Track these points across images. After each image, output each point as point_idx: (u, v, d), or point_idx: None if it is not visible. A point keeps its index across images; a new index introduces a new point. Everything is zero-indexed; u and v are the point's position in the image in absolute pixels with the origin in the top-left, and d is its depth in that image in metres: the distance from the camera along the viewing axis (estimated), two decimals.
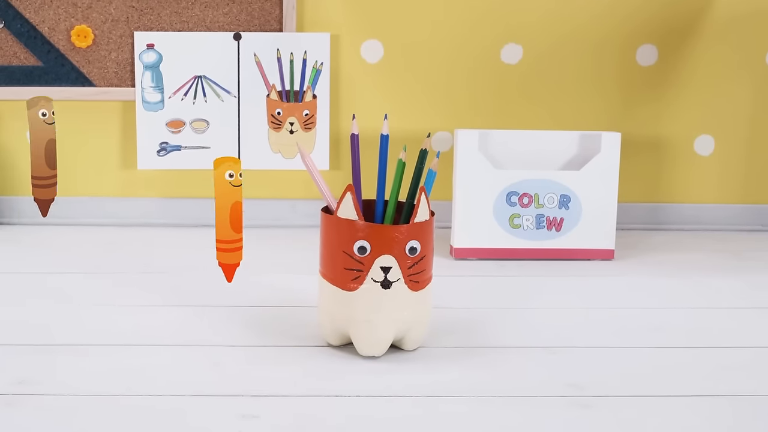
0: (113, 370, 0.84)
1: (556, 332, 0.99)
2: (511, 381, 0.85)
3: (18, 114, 1.48)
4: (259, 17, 1.47)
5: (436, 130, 1.53)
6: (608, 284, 1.21)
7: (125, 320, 1.00)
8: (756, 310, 1.10)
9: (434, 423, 0.75)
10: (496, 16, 1.50)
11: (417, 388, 0.82)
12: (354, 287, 0.87)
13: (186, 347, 0.91)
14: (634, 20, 1.51)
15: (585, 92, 1.53)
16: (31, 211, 1.51)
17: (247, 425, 0.73)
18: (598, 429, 0.74)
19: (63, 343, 0.90)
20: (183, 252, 1.32)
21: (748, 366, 0.90)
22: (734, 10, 1.52)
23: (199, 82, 1.47)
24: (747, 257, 1.37)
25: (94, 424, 0.73)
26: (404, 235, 0.86)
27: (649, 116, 1.55)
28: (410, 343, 0.91)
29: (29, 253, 1.31)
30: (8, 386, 0.80)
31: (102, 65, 1.47)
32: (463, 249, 1.32)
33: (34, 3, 1.44)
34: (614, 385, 0.84)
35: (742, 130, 1.56)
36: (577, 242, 1.33)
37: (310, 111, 1.49)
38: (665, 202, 1.58)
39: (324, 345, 0.93)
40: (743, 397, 0.82)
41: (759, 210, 1.58)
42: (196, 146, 1.49)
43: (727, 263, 1.33)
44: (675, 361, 0.91)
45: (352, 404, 0.78)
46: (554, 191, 1.31)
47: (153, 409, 0.76)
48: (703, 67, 1.54)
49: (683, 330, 1.01)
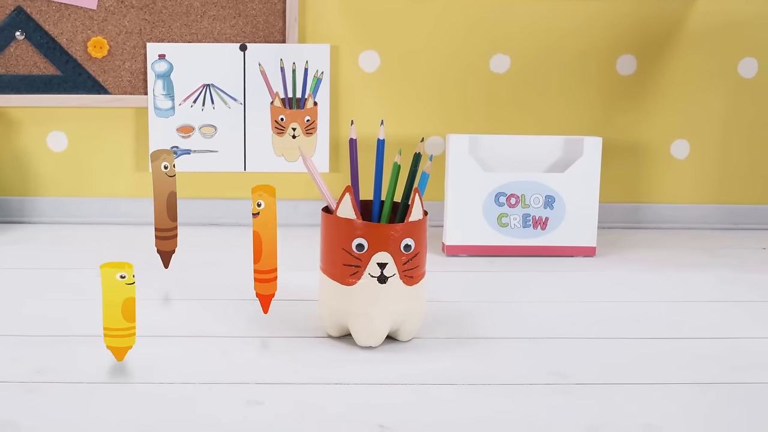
0: (127, 360, 0.84)
1: (541, 324, 0.99)
2: (499, 369, 0.85)
3: (38, 120, 1.48)
4: (264, 29, 1.46)
5: (429, 135, 1.53)
6: (590, 279, 1.21)
7: (138, 313, 0.99)
8: (728, 303, 1.10)
9: (427, 409, 0.75)
10: (486, 28, 1.50)
11: (411, 376, 0.82)
12: (352, 282, 0.87)
13: (195, 338, 0.91)
14: (614, 32, 1.51)
15: (568, 99, 1.53)
16: (49, 211, 1.50)
17: (252, 411, 0.73)
18: (579, 414, 0.74)
19: (80, 335, 0.90)
20: (192, 249, 1.32)
21: (720, 356, 0.90)
22: (708, 23, 1.52)
23: (207, 90, 1.47)
24: (720, 254, 1.37)
25: (109, 411, 0.73)
26: (399, 234, 0.86)
27: (629, 122, 1.55)
28: (405, 335, 0.91)
29: (48, 250, 1.30)
30: (28, 374, 0.80)
31: (117, 74, 1.46)
32: (454, 246, 1.32)
33: (53, 16, 1.44)
34: (595, 373, 0.84)
35: (716, 135, 1.56)
36: (561, 240, 1.33)
37: (312, 117, 1.49)
38: (644, 202, 1.58)
39: (324, 336, 0.93)
40: (716, 384, 0.82)
41: (731, 210, 1.59)
42: (204, 150, 1.48)
43: (702, 259, 1.33)
44: (652, 351, 0.91)
45: (350, 391, 0.78)
46: (540, 192, 1.31)
47: (164, 396, 0.76)
48: (679, 76, 1.54)
49: (660, 322, 1.01)
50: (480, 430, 0.71)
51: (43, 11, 1.43)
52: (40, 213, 1.51)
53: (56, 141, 1.50)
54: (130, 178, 1.51)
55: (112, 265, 0.79)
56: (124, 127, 1.50)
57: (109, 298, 0.79)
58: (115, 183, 1.51)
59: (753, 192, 1.59)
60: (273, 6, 1.46)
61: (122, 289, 0.79)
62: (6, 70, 1.45)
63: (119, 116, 1.49)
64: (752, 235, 1.52)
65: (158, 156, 1.04)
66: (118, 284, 0.78)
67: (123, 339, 0.81)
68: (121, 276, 0.78)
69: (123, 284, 0.79)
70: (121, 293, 0.79)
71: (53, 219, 1.51)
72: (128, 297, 0.79)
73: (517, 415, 0.74)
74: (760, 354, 0.91)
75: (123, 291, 0.79)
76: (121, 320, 0.80)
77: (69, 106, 1.47)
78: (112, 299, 0.79)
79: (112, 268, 0.79)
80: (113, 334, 0.80)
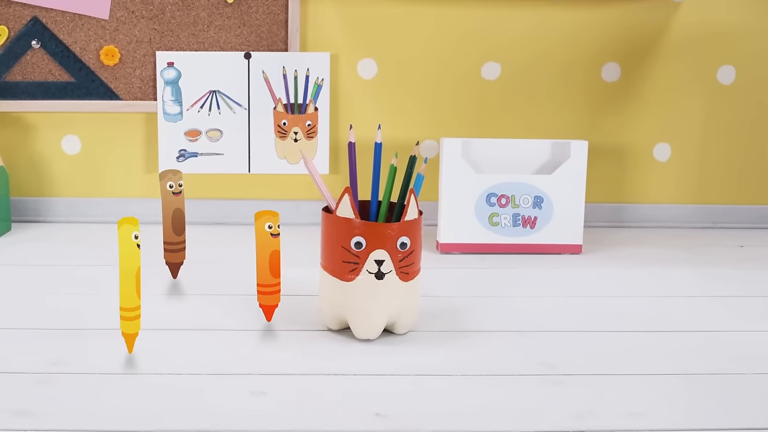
0: (138, 352, 0.84)
1: (530, 318, 0.99)
2: (490, 361, 0.85)
3: (53, 124, 1.48)
4: (267, 39, 1.46)
5: (424, 139, 1.53)
6: (577, 275, 1.21)
7: (149, 307, 0.99)
8: (707, 298, 1.10)
9: (422, 398, 0.75)
10: (477, 38, 1.50)
11: (407, 367, 0.82)
12: (351, 278, 0.87)
13: (202, 331, 0.91)
14: (599, 41, 1.52)
15: (556, 105, 1.53)
16: (64, 210, 1.50)
17: (256, 401, 0.73)
18: (567, 403, 0.74)
19: (93, 328, 0.90)
20: (199, 246, 1.32)
21: (700, 348, 0.90)
22: (688, 32, 1.52)
23: (213, 96, 1.47)
24: (699, 251, 1.37)
25: (120, 400, 0.73)
26: (396, 232, 0.86)
27: (613, 126, 1.55)
28: (401, 328, 0.91)
29: (63, 248, 1.30)
30: (44, 366, 0.80)
31: (127, 81, 1.46)
32: (447, 244, 1.32)
33: (67, 26, 1.44)
34: (582, 364, 0.84)
35: (696, 139, 1.57)
36: (549, 238, 1.33)
37: (312, 122, 1.48)
38: (627, 202, 1.58)
39: (324, 329, 0.93)
40: (695, 375, 0.82)
41: (710, 209, 1.59)
42: (211, 153, 1.48)
43: (682, 257, 1.33)
44: (636, 344, 0.91)
45: (349, 382, 0.78)
46: (529, 193, 1.32)
47: (173, 386, 0.76)
48: (661, 83, 1.54)
49: (643, 315, 1.01)
50: (472, 418, 0.71)
51: (57, 21, 1.43)
52: (56, 213, 1.51)
53: (70, 144, 1.49)
54: (140, 179, 1.51)
55: (128, 221, 0.77)
56: (134, 131, 1.50)
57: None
58: (127, 184, 1.51)
59: (731, 193, 1.59)
60: (276, 16, 1.46)
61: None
62: (23, 77, 1.45)
63: (130, 121, 1.49)
64: (730, 233, 1.53)
65: (165, 176, 1.05)
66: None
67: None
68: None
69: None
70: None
71: (68, 218, 1.50)
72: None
73: (507, 404, 0.74)
74: (737, 346, 0.91)
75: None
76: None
77: (82, 111, 1.47)
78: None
79: (129, 225, 0.77)
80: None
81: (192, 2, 1.44)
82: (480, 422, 0.70)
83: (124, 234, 0.76)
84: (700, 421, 0.71)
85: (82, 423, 0.68)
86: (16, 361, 0.81)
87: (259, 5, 1.45)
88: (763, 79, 1.55)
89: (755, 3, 1.51)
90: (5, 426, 0.68)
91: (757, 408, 0.75)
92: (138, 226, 0.77)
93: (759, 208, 1.59)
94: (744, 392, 0.78)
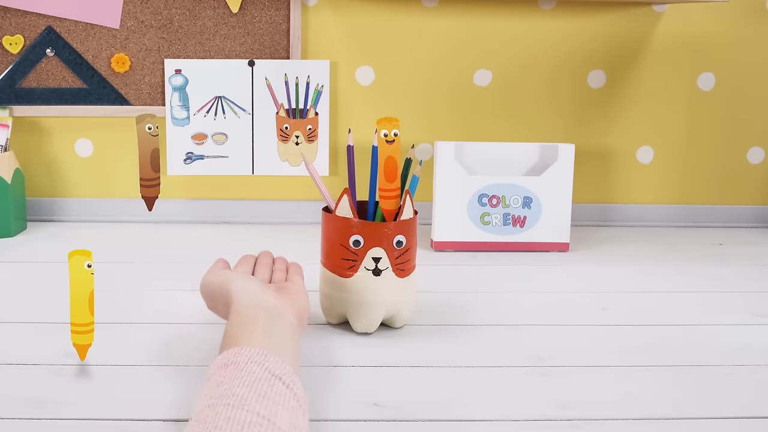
0: (148, 344, 0.84)
1: (519, 312, 1.00)
2: (482, 353, 0.85)
3: (66, 128, 1.48)
4: (270, 47, 1.46)
5: (419, 142, 1.53)
6: (564, 272, 1.21)
7: (159, 302, 1.00)
8: (687, 293, 1.10)
9: (418, 388, 0.75)
10: (470, 46, 1.50)
11: (403, 359, 0.82)
12: (350, 274, 0.87)
13: (209, 325, 0.91)
14: (585, 49, 1.52)
15: (544, 110, 1.53)
16: (77, 210, 1.50)
17: None
18: (554, 393, 0.75)
19: (104, 322, 0.90)
20: (206, 244, 1.32)
21: (680, 340, 0.90)
22: (670, 41, 1.52)
23: (219, 101, 1.47)
24: (680, 249, 1.37)
25: (131, 391, 0.73)
26: (392, 231, 0.86)
27: (599, 130, 1.55)
28: (398, 322, 0.91)
29: (75, 246, 1.29)
30: (57, 358, 0.80)
31: (137, 87, 1.46)
32: (441, 242, 1.32)
33: (80, 35, 1.43)
34: (568, 356, 0.84)
35: (678, 142, 1.57)
36: (538, 236, 1.33)
37: (313, 126, 1.49)
38: (612, 202, 1.58)
39: (324, 323, 0.93)
40: (676, 366, 0.82)
41: (690, 209, 1.59)
42: (216, 155, 1.48)
43: (664, 254, 1.33)
44: (619, 336, 0.91)
45: (348, 373, 0.78)
46: (518, 193, 1.32)
47: (180, 376, 0.76)
48: (645, 89, 1.54)
49: (627, 310, 1.01)
50: (465, 406, 0.71)
51: (71, 30, 1.43)
52: (68, 212, 1.51)
53: (83, 147, 1.49)
54: None
55: (79, 253, 0.75)
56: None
57: (77, 290, 0.76)
58: (136, 185, 1.51)
59: (711, 193, 1.59)
60: (278, 26, 1.46)
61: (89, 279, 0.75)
62: (38, 84, 1.45)
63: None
64: (710, 232, 1.53)
65: (142, 119, 1.06)
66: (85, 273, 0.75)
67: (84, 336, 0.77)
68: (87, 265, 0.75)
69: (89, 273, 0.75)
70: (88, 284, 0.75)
71: (80, 218, 1.50)
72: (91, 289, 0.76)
73: (498, 393, 0.74)
74: (716, 338, 0.91)
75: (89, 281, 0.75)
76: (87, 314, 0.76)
77: (95, 116, 1.47)
78: (80, 291, 0.76)
79: (80, 256, 0.75)
80: (79, 330, 0.77)
81: (199, 12, 1.44)
82: (472, 411, 0.70)
83: (75, 264, 0.76)
84: (681, 411, 0.72)
85: (98, 412, 0.68)
86: (33, 353, 0.81)
87: (262, 15, 1.45)
88: (741, 86, 1.55)
89: (733, 14, 1.52)
90: (27, 415, 0.68)
91: (735, 398, 0.75)
92: (91, 256, 0.77)
93: (737, 208, 1.60)
94: (722, 383, 0.78)
